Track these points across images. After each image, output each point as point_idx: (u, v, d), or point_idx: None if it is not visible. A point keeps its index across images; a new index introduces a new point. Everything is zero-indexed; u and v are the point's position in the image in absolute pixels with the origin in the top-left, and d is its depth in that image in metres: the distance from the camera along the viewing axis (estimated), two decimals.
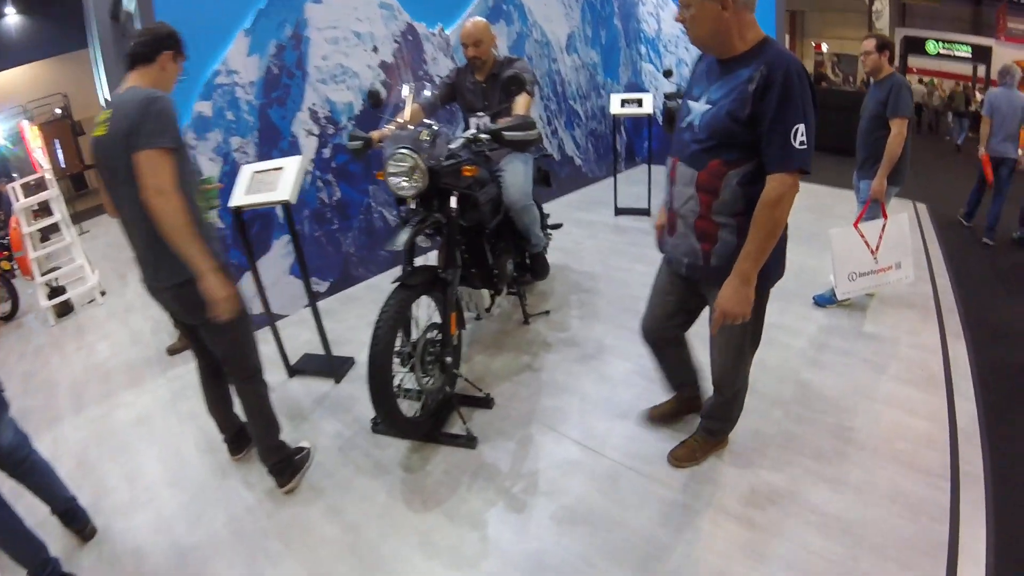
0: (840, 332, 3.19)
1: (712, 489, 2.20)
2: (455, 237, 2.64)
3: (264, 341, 2.67)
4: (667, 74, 5.31)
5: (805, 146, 1.63)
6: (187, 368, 3.45)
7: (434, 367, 2.57)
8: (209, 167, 3.56)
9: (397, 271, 2.60)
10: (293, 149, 3.91)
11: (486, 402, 2.81)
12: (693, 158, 1.81)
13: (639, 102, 4.85)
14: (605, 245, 4.67)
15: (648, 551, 1.98)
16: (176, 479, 2.56)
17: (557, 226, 4.12)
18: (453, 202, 2.59)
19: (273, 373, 3.06)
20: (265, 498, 2.38)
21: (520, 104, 3.04)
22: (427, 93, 3.14)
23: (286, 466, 2.38)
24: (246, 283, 3.45)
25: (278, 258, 3.88)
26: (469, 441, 2.56)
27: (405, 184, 2.46)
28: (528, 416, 2.71)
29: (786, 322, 3.31)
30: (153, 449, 2.77)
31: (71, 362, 4.00)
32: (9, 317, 5.07)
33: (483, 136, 2.56)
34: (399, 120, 2.70)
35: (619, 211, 5.25)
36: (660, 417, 2.59)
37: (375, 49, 4.17)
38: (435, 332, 2.57)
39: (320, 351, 3.20)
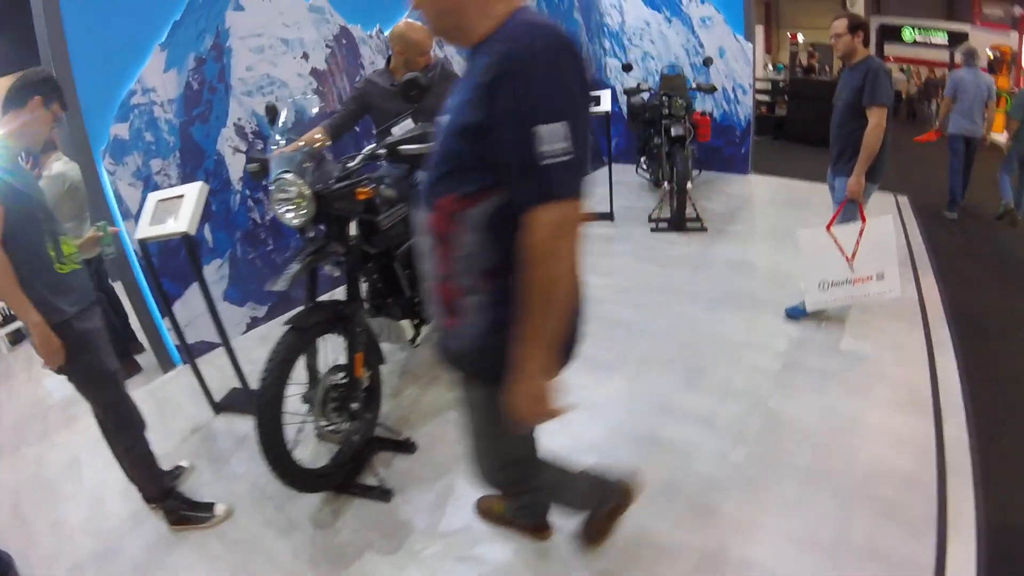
0: (815, 348, 2.89)
1: (652, 557, 1.87)
2: (355, 268, 2.37)
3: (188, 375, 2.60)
4: (627, 68, 4.99)
5: (564, 158, 1.06)
6: None
7: (340, 413, 2.27)
8: (129, 193, 3.23)
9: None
10: (219, 168, 3.59)
11: (407, 447, 2.50)
12: (425, 195, 1.27)
13: (596, 100, 4.54)
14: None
15: None
16: (94, 527, 2.38)
17: None
18: (352, 229, 2.33)
19: (200, 410, 2.93)
20: (166, 550, 2.19)
21: None
22: (314, 110, 2.77)
23: (175, 514, 2.30)
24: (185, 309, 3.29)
25: (210, 284, 3.57)
26: (383, 494, 2.27)
27: (290, 214, 2.17)
28: (452, 462, 2.37)
29: (754, 338, 3.03)
30: (78, 495, 2.58)
31: (18, 395, 3.76)
32: None
33: (380, 151, 2.25)
34: (297, 141, 2.38)
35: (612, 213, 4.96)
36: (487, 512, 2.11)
37: (305, 56, 3.84)
38: (339, 374, 2.27)
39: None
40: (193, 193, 2.68)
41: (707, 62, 4.97)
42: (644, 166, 4.94)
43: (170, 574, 2.10)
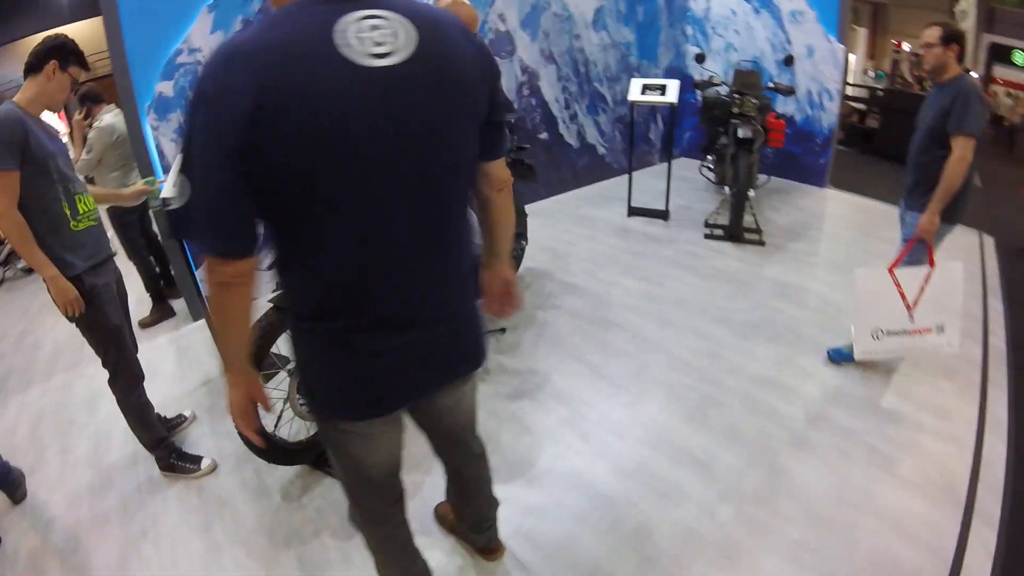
0: (848, 402, 2.56)
1: None
2: None
3: None
4: (699, 58, 4.55)
5: (176, 207, 1.02)
6: (150, 345, 3.39)
7: None
8: (171, 148, 3.36)
9: None
10: None
11: None
12: None
13: (662, 89, 4.21)
14: (601, 250, 4.16)
15: None
16: (96, 460, 2.58)
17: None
18: None
19: (213, 363, 3.13)
20: (151, 493, 2.37)
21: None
22: None
23: (165, 461, 2.48)
24: None
25: None
26: None
27: None
28: (423, 459, 2.28)
29: (783, 377, 2.73)
30: (90, 427, 2.78)
31: (60, 325, 3.97)
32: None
33: None
34: None
35: (633, 211, 4.67)
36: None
37: None
38: None
39: None
40: None
41: (788, 61, 4.44)
42: (710, 165, 4.57)
43: (148, 516, 2.26)
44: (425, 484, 2.24)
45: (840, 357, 2.81)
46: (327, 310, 1.13)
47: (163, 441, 2.48)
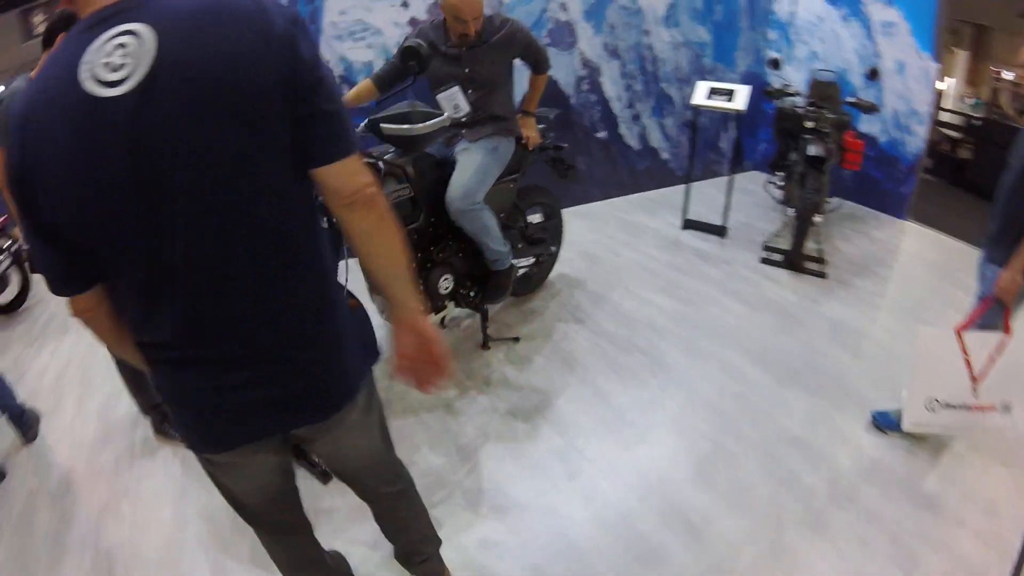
0: (884, 479, 2.21)
1: None
2: (337, 248, 2.23)
3: None
4: (773, 64, 4.08)
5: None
6: None
7: None
8: None
9: None
10: None
11: None
12: None
13: (730, 95, 3.85)
14: (644, 263, 3.86)
15: None
16: (104, 414, 2.75)
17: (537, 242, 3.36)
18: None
19: None
20: (142, 455, 2.50)
21: (539, 84, 2.94)
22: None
23: (157, 425, 2.55)
24: None
25: None
26: (322, 475, 2.27)
27: None
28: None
29: (815, 438, 2.40)
30: (108, 383, 2.86)
31: None
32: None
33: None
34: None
35: (688, 223, 4.33)
36: None
37: (404, 4, 3.67)
38: None
39: None
40: None
41: (872, 74, 3.91)
42: (777, 182, 4.13)
43: (134, 476, 2.39)
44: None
45: (886, 423, 2.43)
46: (158, 344, 1.05)
47: (157, 407, 2.54)
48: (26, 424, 2.62)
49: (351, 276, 1.86)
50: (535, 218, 3.45)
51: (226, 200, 0.94)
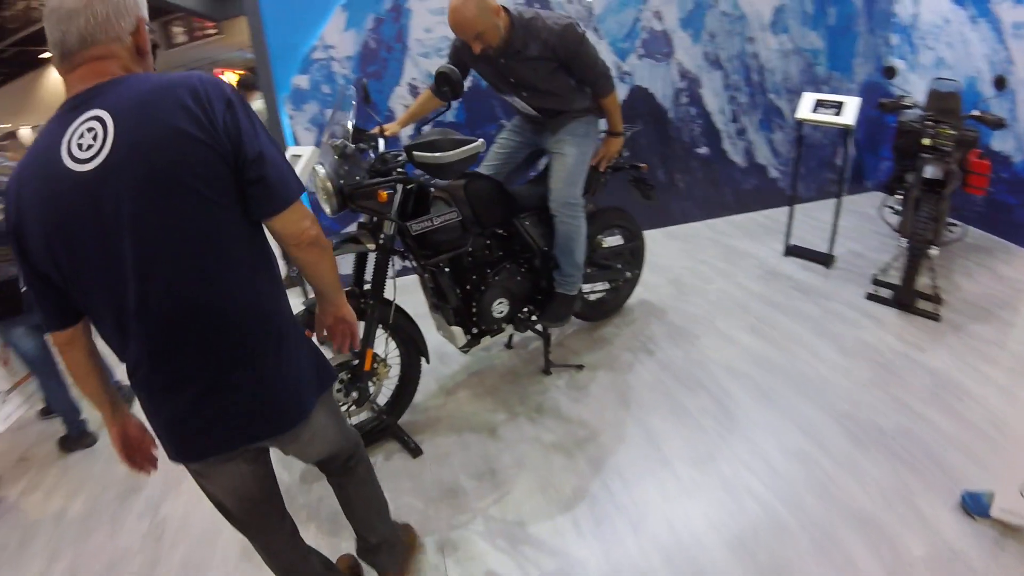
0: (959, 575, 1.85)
1: None
2: (383, 268, 2.36)
3: None
4: (888, 73, 3.48)
5: None
6: None
7: (346, 394, 2.43)
8: (304, 136, 3.70)
9: None
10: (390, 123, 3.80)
11: (413, 450, 2.60)
12: None
13: (838, 107, 3.39)
14: (735, 293, 3.54)
15: None
16: None
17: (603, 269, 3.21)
18: (387, 228, 2.34)
19: None
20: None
21: (612, 106, 2.74)
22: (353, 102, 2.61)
23: None
24: None
25: None
26: (413, 451, 2.56)
27: (323, 203, 2.24)
28: (441, 484, 2.35)
29: (887, 517, 2.03)
30: None
31: None
32: None
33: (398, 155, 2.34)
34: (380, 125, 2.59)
35: (791, 250, 3.90)
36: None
37: None
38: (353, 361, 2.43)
39: None
40: (306, 155, 2.97)
41: (999, 83, 3.22)
42: (894, 206, 3.55)
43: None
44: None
45: (976, 507, 1.99)
46: (132, 368, 1.23)
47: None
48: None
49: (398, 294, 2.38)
50: (612, 241, 3.33)
51: (174, 254, 1.12)
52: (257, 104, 3.98)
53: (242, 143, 1.13)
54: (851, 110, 3.36)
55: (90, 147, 1.06)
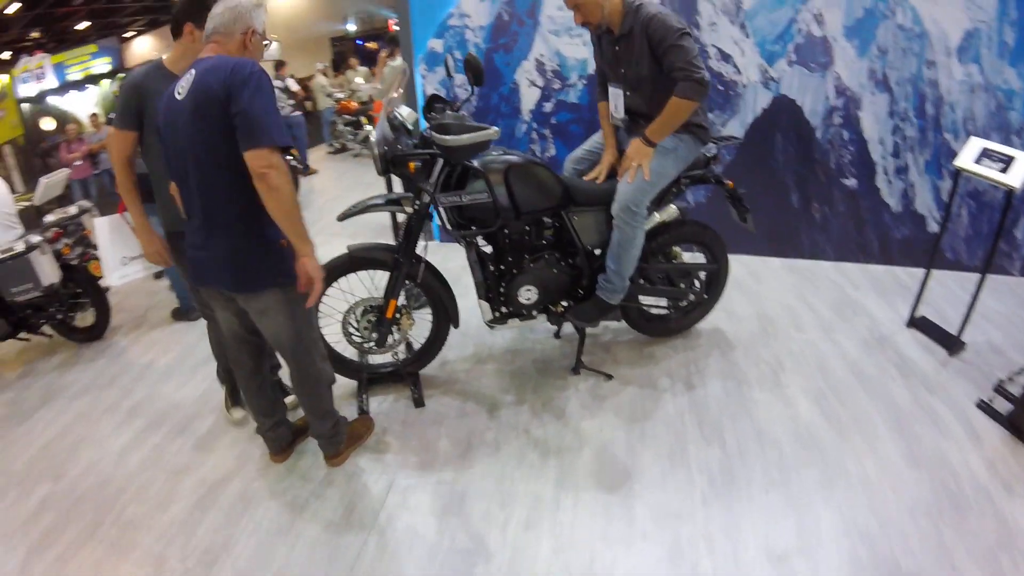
0: None
1: None
2: (416, 229, 2.52)
3: None
4: None
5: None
6: None
7: (367, 333, 2.69)
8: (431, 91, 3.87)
9: None
10: (512, 96, 3.81)
11: (417, 401, 2.77)
12: None
13: (1008, 162, 2.56)
14: (822, 351, 2.96)
15: None
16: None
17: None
18: (422, 196, 2.47)
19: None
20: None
21: (675, 110, 2.38)
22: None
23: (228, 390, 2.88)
24: None
25: None
26: (416, 401, 2.77)
27: (376, 166, 2.42)
28: (435, 440, 2.52)
29: None
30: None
31: None
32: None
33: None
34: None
35: (916, 321, 3.13)
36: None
37: None
38: (375, 303, 2.65)
39: None
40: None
41: None
42: None
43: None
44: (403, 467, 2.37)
45: None
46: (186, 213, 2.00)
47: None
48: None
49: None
50: (691, 258, 3.02)
51: (201, 154, 1.80)
52: (400, 62, 4.30)
53: (233, 101, 1.70)
54: (1022, 169, 2.54)
55: (183, 89, 1.79)
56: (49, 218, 3.55)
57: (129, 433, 2.74)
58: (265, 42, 1.97)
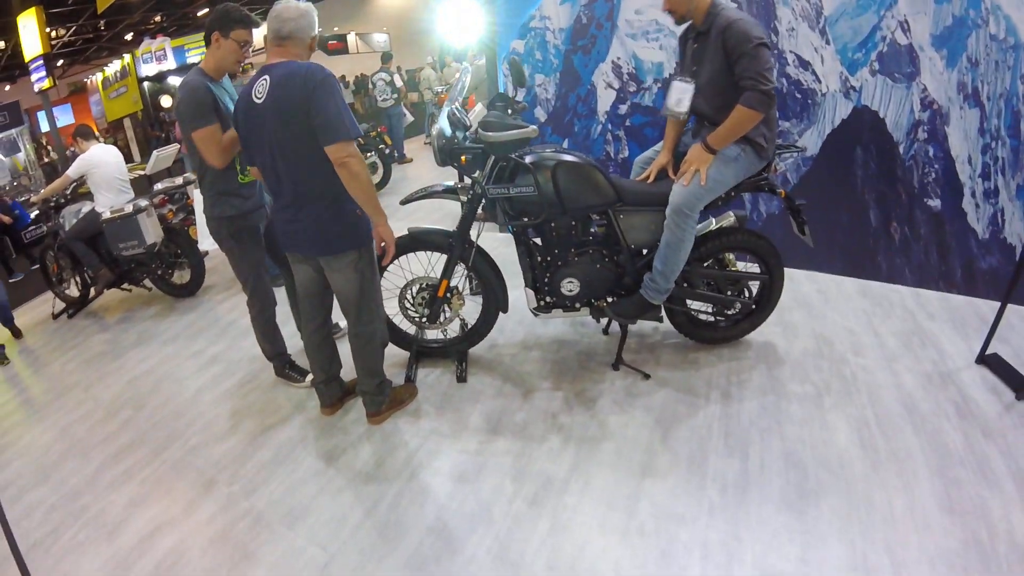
0: None
1: None
2: (470, 217, 2.68)
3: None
4: None
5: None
6: None
7: (419, 309, 2.90)
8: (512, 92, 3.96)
9: None
10: (590, 97, 3.84)
11: (460, 377, 2.94)
12: None
13: None
14: (877, 380, 2.77)
15: None
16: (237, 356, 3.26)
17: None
18: (475, 187, 2.65)
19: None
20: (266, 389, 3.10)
21: (739, 119, 2.35)
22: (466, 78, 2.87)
23: (280, 369, 3.07)
24: None
25: None
26: (408, 381, 2.95)
27: (435, 157, 2.66)
28: (446, 409, 2.68)
29: None
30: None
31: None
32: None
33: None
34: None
35: (985, 358, 2.82)
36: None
37: None
38: (429, 283, 2.88)
39: None
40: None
41: None
42: None
43: (246, 393, 3.01)
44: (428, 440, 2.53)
45: None
46: (273, 194, 2.33)
47: (280, 355, 2.93)
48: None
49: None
50: (744, 267, 2.95)
51: (288, 149, 2.11)
52: (477, 64, 4.48)
53: (313, 105, 2.00)
54: None
55: (262, 95, 2.06)
56: (158, 186, 4.05)
57: (207, 377, 3.10)
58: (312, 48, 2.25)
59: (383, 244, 2.28)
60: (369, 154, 6.14)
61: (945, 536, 1.99)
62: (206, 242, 3.85)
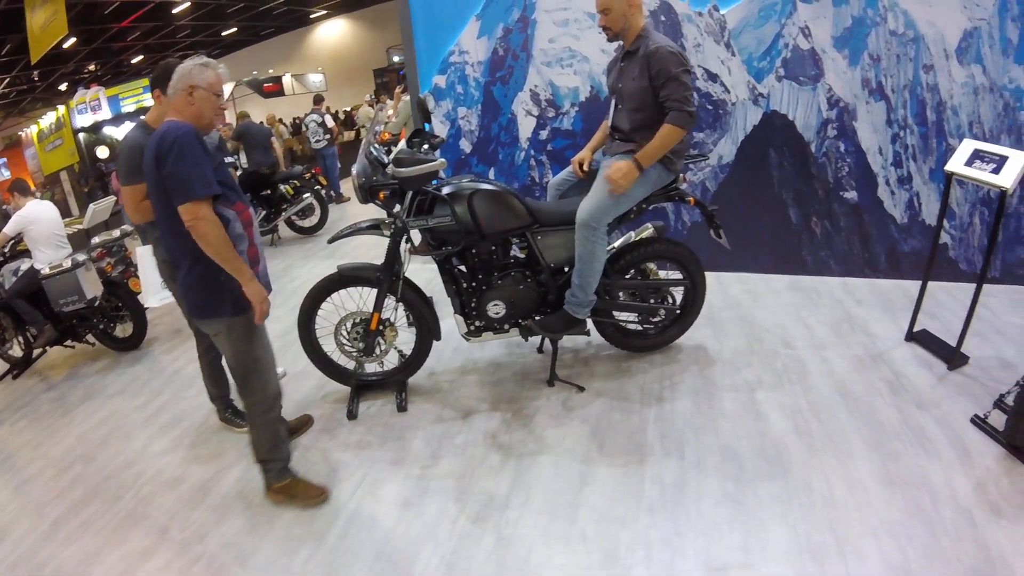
0: None
1: None
2: (394, 251, 2.64)
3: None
4: None
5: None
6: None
7: (354, 343, 2.82)
8: (439, 128, 3.98)
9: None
10: (511, 125, 3.84)
11: (400, 406, 2.83)
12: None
13: (999, 163, 2.25)
14: (809, 368, 2.73)
15: None
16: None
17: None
18: (396, 220, 2.62)
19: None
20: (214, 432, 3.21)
21: (666, 136, 2.39)
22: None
23: (221, 414, 2.92)
24: None
25: None
26: (399, 408, 2.85)
27: (357, 195, 2.65)
28: (386, 437, 2.57)
29: None
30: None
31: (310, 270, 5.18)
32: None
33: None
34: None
35: (915, 335, 2.80)
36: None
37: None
38: (359, 317, 2.79)
39: None
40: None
41: None
42: None
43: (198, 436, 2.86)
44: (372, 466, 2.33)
45: None
46: None
47: (223, 397, 2.82)
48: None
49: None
50: (666, 275, 2.91)
51: (157, 210, 2.02)
52: (405, 99, 4.53)
53: (164, 167, 1.88)
54: (1015, 169, 2.19)
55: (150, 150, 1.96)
56: (95, 240, 3.96)
57: (154, 427, 2.95)
58: (216, 95, 2.01)
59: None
60: (306, 195, 6.21)
61: (887, 508, 1.92)
62: (151, 299, 3.76)
